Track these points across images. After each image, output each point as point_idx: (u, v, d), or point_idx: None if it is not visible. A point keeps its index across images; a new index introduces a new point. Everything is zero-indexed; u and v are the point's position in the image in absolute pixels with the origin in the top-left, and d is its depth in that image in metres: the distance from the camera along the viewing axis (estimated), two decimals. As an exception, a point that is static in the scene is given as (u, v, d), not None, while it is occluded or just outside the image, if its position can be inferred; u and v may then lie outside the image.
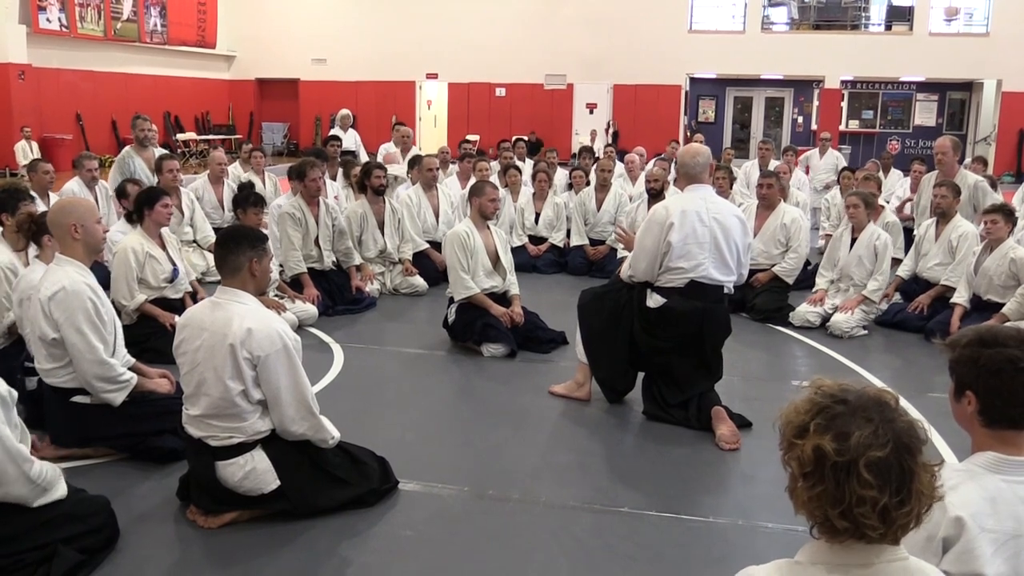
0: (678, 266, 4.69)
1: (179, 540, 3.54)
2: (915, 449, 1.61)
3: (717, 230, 4.72)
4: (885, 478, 1.56)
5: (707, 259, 4.70)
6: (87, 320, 3.93)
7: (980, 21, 22.22)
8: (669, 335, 4.81)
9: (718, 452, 4.48)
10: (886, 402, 1.65)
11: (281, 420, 3.53)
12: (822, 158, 13.04)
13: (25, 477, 3.00)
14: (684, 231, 4.65)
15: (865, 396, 1.65)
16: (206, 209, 8.99)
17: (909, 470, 1.59)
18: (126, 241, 5.87)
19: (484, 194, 6.32)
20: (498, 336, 6.10)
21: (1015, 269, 6.22)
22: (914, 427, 1.63)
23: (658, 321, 4.81)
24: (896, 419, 1.62)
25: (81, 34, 18.99)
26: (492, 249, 6.40)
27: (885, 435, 1.58)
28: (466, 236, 6.24)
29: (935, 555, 1.97)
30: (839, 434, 1.59)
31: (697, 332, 4.78)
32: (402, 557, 3.43)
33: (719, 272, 4.75)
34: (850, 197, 7.23)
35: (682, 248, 4.66)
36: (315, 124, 24.63)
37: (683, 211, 4.68)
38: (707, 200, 4.81)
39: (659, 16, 22.62)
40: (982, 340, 2.07)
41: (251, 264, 3.55)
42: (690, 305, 4.72)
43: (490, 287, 6.31)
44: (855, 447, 1.57)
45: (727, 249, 4.75)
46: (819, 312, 7.03)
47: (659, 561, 3.44)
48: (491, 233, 6.45)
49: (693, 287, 4.72)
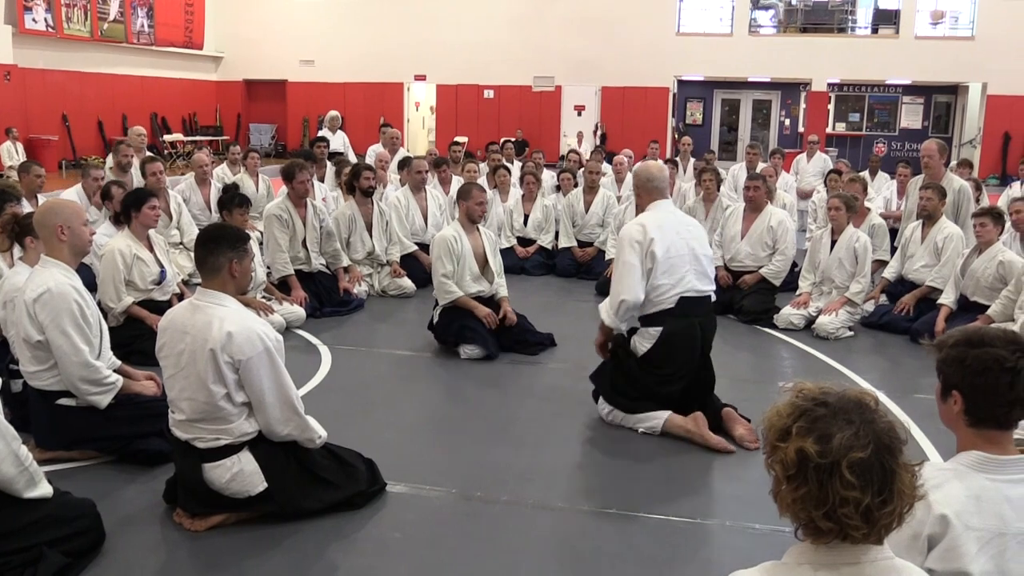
0: (663, 283, 4.58)
1: (165, 543, 3.52)
2: (896, 449, 1.63)
3: (691, 240, 4.71)
4: (867, 479, 1.58)
5: (689, 271, 4.63)
6: (72, 322, 3.91)
7: (965, 24, 22.35)
8: (681, 362, 4.67)
9: (705, 454, 4.49)
10: (866, 403, 1.67)
11: (267, 422, 3.51)
12: (809, 161, 13.11)
13: (14, 456, 3.00)
14: (665, 244, 4.57)
15: (846, 398, 1.67)
16: (193, 211, 8.96)
17: (890, 470, 1.60)
18: (113, 243, 5.84)
19: (471, 197, 6.27)
20: (474, 338, 6.07)
21: (1003, 271, 6.26)
22: (894, 428, 1.65)
23: (665, 353, 4.65)
24: (876, 420, 1.64)
25: (67, 35, 18.89)
26: (480, 252, 6.34)
27: (866, 436, 1.60)
28: (453, 240, 6.19)
29: (921, 553, 1.98)
30: (821, 436, 1.61)
31: (702, 347, 4.74)
32: (390, 559, 3.42)
33: (701, 283, 4.69)
34: (832, 199, 7.28)
35: (666, 262, 4.57)
36: (303, 126, 24.56)
37: (659, 225, 4.62)
38: (674, 213, 4.86)
39: (647, 18, 22.67)
40: (969, 340, 2.09)
41: (231, 265, 3.50)
42: (686, 323, 4.62)
43: (476, 291, 6.27)
44: (837, 449, 1.59)
45: (704, 258, 4.73)
46: (803, 315, 7.06)
47: (647, 562, 3.44)
48: (480, 236, 6.39)
49: (683, 303, 4.62)
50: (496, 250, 6.54)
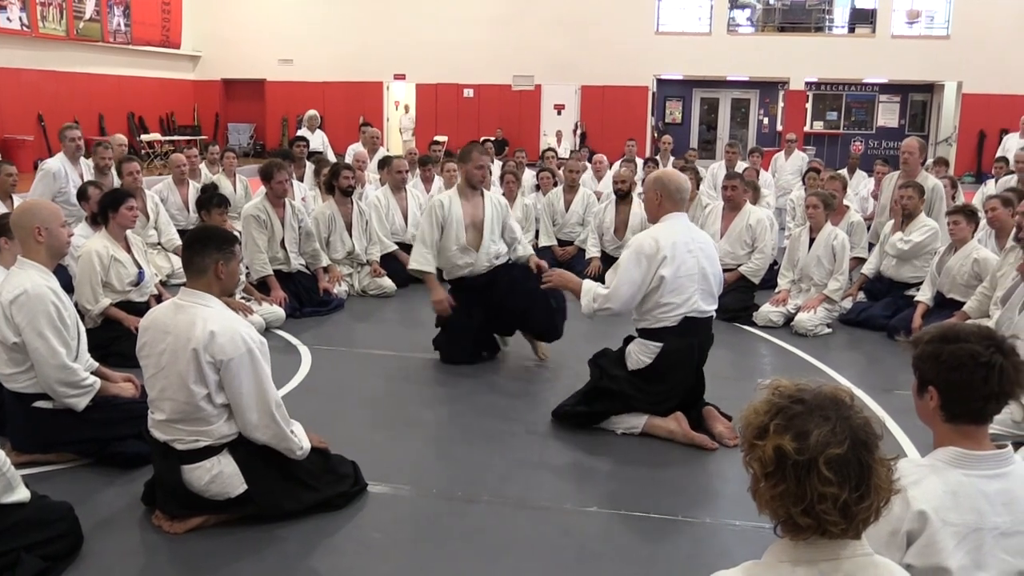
0: (669, 301, 4.49)
1: (144, 546, 3.50)
2: (872, 445, 1.65)
3: (703, 259, 4.59)
4: (844, 475, 1.60)
5: (696, 291, 4.54)
6: (49, 324, 3.87)
7: (941, 24, 22.57)
8: (675, 381, 4.64)
9: (685, 452, 4.50)
10: (842, 399, 1.69)
11: (244, 426, 3.49)
12: (787, 159, 13.18)
13: None
14: (676, 263, 4.46)
15: (821, 395, 1.69)
16: (171, 211, 8.91)
17: (867, 465, 1.62)
18: (90, 244, 5.79)
19: (470, 160, 5.84)
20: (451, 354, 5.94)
21: (978, 269, 6.32)
22: (870, 423, 1.67)
23: (661, 371, 4.61)
24: (852, 416, 1.66)
25: (42, 34, 18.68)
26: (478, 220, 5.86)
27: (842, 432, 1.62)
28: (440, 206, 5.85)
29: (899, 549, 2.00)
30: (798, 433, 1.63)
31: (697, 363, 4.74)
32: (372, 560, 3.41)
33: (706, 303, 4.62)
34: (810, 197, 7.34)
35: (674, 282, 4.46)
36: (282, 125, 24.42)
37: (674, 243, 4.48)
38: (690, 229, 4.70)
39: (626, 17, 22.73)
40: (944, 336, 2.12)
41: (217, 266, 3.49)
42: (685, 343, 4.57)
43: (464, 264, 5.91)
44: (814, 446, 1.61)
45: (712, 277, 4.65)
46: (782, 312, 7.10)
47: (628, 560, 3.45)
48: (483, 202, 5.92)
49: (686, 323, 4.55)
50: (502, 216, 6.02)
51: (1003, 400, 2.08)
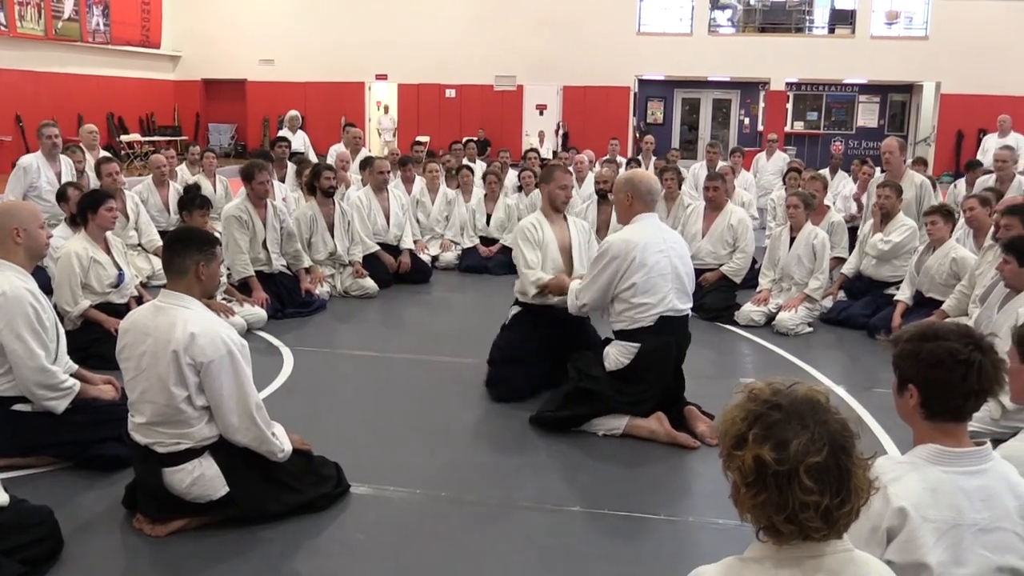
0: (644, 302, 4.50)
1: (125, 550, 3.47)
2: (850, 447, 1.64)
3: (675, 258, 4.61)
4: (825, 482, 1.60)
5: (670, 290, 4.56)
6: (28, 326, 3.84)
7: (920, 25, 22.76)
8: (652, 380, 4.64)
9: (668, 451, 4.51)
10: (818, 402, 1.68)
11: (224, 428, 3.47)
12: (769, 159, 13.26)
13: None
14: (648, 265, 4.48)
15: (797, 399, 1.67)
16: (151, 212, 8.84)
17: (846, 469, 1.62)
18: (70, 246, 5.74)
19: (553, 180, 5.37)
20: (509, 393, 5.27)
21: (956, 268, 6.37)
22: (847, 425, 1.67)
23: (639, 370, 4.60)
24: (829, 420, 1.65)
25: (21, 33, 18.52)
26: (566, 245, 5.35)
27: (821, 439, 1.61)
28: (532, 228, 5.29)
29: (880, 545, 2.01)
30: (778, 443, 1.61)
31: (676, 362, 4.75)
32: (355, 561, 3.41)
33: (681, 301, 4.63)
34: (790, 197, 7.38)
35: (646, 283, 4.48)
36: (263, 125, 24.32)
37: (644, 245, 4.50)
38: (661, 229, 4.72)
39: (608, 18, 22.77)
40: (923, 335, 2.13)
41: (198, 268, 3.47)
42: (663, 342, 4.58)
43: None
44: (794, 455, 1.60)
45: (685, 275, 4.67)
46: (763, 311, 7.14)
47: (612, 558, 3.46)
48: (567, 227, 5.43)
49: (662, 322, 4.55)
50: (586, 244, 5.46)
51: (982, 397, 2.10)
